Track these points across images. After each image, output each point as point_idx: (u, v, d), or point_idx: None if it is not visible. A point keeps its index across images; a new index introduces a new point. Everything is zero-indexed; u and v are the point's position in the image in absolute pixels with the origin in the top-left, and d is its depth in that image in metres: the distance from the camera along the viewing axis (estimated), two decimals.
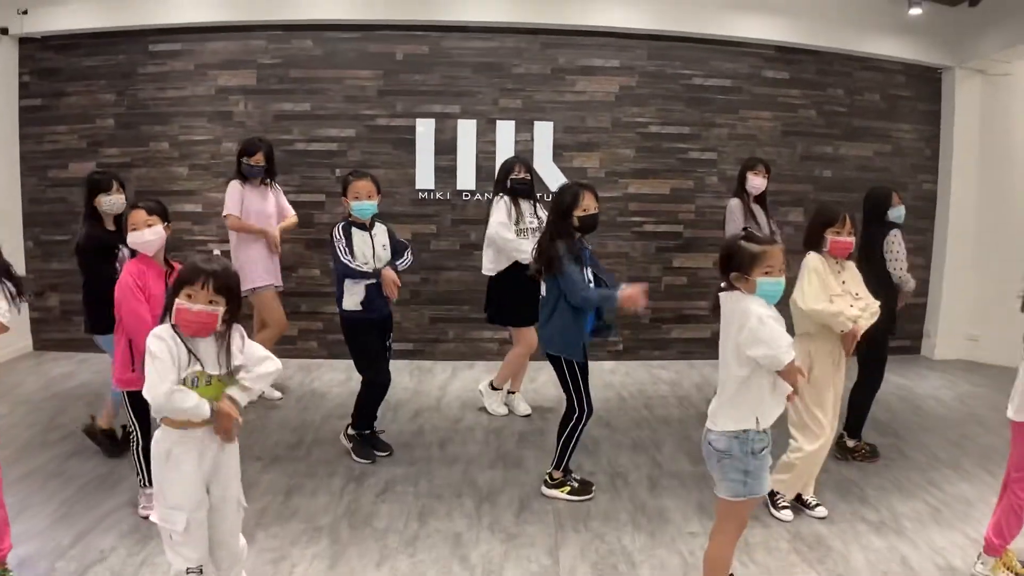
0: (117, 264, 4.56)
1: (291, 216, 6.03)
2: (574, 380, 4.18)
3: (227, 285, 2.69)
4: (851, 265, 4.17)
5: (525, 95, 7.17)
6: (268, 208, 5.81)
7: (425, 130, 7.11)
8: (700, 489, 4.32)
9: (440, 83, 7.11)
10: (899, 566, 3.59)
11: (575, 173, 7.01)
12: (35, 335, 7.26)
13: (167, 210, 3.99)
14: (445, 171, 7.08)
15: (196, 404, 2.61)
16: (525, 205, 5.38)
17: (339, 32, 7.04)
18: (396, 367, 5.26)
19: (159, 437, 2.74)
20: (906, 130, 7.78)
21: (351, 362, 4.84)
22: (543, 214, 5.38)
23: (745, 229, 3.20)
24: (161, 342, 2.64)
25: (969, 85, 7.66)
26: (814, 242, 4.08)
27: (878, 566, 3.59)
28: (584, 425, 4.24)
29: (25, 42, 7.12)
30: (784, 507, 4.08)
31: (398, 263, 4.70)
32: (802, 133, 7.52)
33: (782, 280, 2.91)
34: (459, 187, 7.07)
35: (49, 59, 7.15)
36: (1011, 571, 3.42)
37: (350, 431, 4.84)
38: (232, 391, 2.73)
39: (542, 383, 6.22)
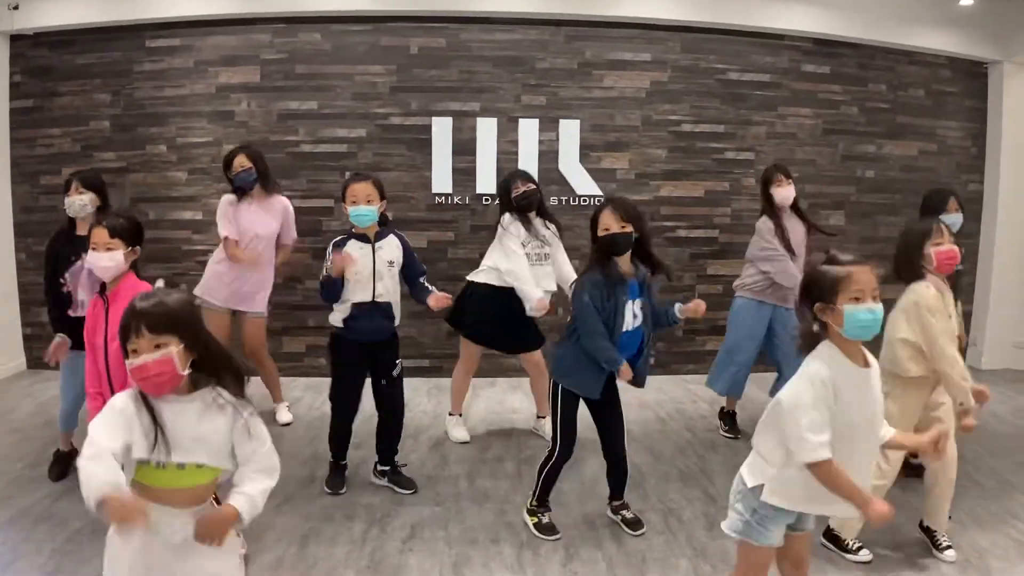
0: (67, 275, 4.28)
1: (286, 244, 5.51)
2: (554, 409, 3.82)
3: (168, 320, 2.16)
4: (948, 292, 3.67)
5: (549, 91, 6.84)
6: (267, 226, 5.27)
7: (442, 130, 6.75)
8: None
9: (458, 79, 6.77)
10: None
11: (603, 175, 6.70)
12: (28, 353, 6.90)
13: (139, 230, 3.47)
14: (464, 173, 6.72)
15: (99, 485, 1.95)
16: (537, 223, 4.97)
17: (349, 24, 6.70)
18: (413, 386, 4.87)
19: None
20: (952, 128, 7.46)
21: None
22: (551, 230, 5.04)
23: (827, 251, 2.72)
24: (107, 414, 2.16)
25: (1018, 80, 7.36)
26: (915, 266, 3.60)
27: None
28: (555, 464, 3.87)
29: (16, 39, 6.78)
30: (859, 547, 3.67)
31: (423, 291, 4.28)
32: (843, 131, 7.18)
33: (876, 308, 2.44)
34: (479, 191, 6.71)
35: (42, 57, 6.81)
36: None
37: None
38: (239, 498, 2.21)
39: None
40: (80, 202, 4.30)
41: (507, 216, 4.92)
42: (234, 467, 2.23)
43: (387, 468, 4.43)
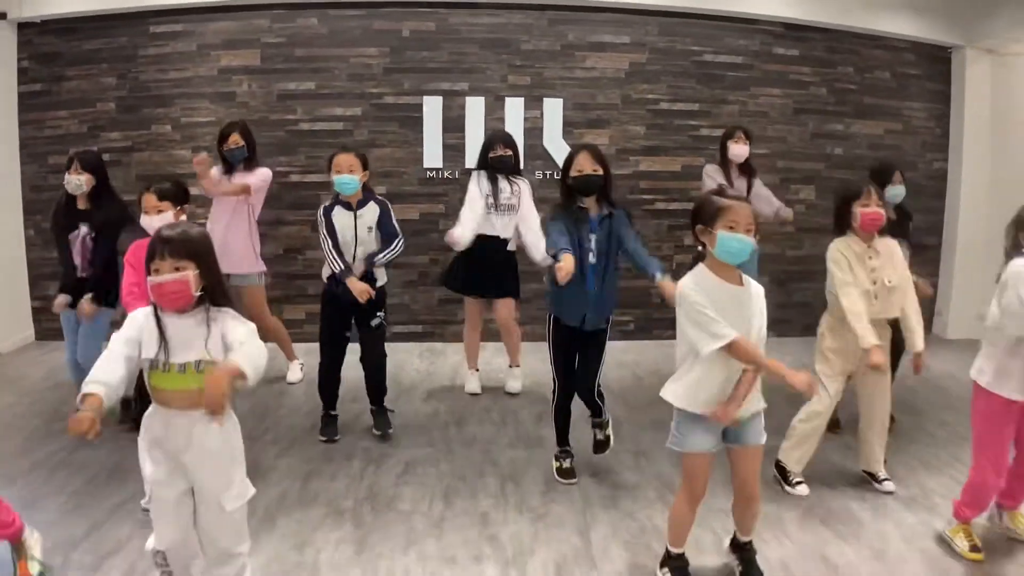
0: (74, 245, 4.63)
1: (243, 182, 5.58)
2: (551, 354, 4.13)
3: (188, 248, 2.51)
4: (889, 245, 4.00)
5: (534, 72, 7.09)
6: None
7: (432, 108, 7.01)
8: (725, 467, 4.23)
9: (447, 60, 7.02)
10: (933, 543, 3.54)
11: None
12: (37, 324, 7.16)
13: (185, 192, 3.89)
14: (453, 149, 7.00)
15: (88, 381, 2.41)
16: (503, 183, 5.31)
17: (344, 10, 6.94)
18: (406, 349, 5.21)
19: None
20: (916, 108, 7.74)
21: (357, 345, 4.78)
22: (523, 190, 5.38)
23: (720, 186, 3.11)
24: (126, 326, 2.56)
25: (979, 65, 7.60)
26: (843, 222, 3.95)
27: (914, 542, 3.54)
28: (559, 404, 4.18)
29: (24, 27, 6.98)
30: (798, 482, 4.05)
31: (377, 258, 4.55)
32: (813, 111, 7.47)
33: (746, 239, 2.80)
34: (468, 165, 6.91)
35: (49, 43, 7.02)
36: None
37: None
38: (234, 355, 2.46)
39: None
40: (76, 182, 4.63)
41: (475, 174, 5.37)
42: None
43: (374, 408, 4.81)
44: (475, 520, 3.69)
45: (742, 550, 3.20)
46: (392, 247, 4.59)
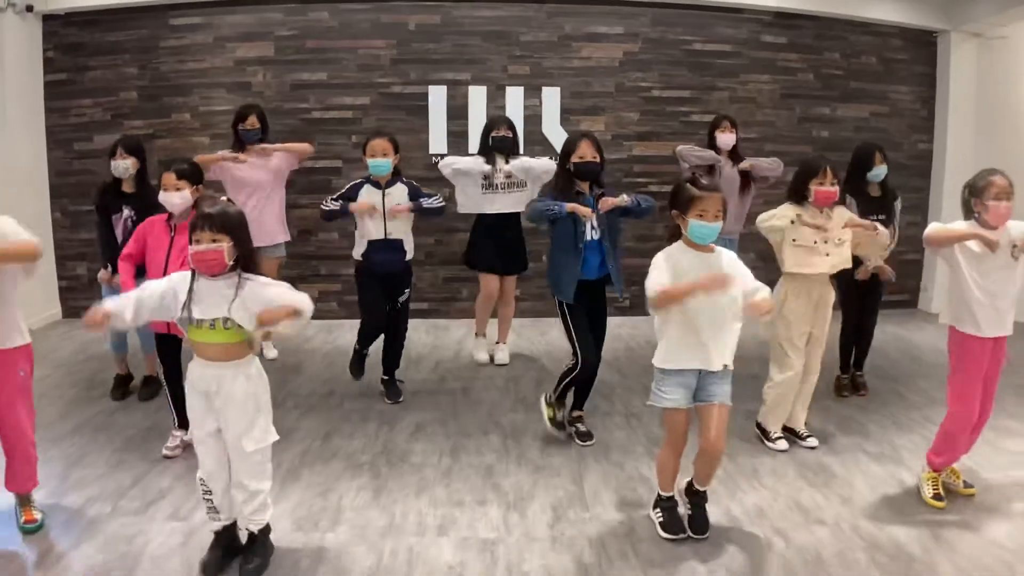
0: (117, 226, 4.98)
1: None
2: (565, 325, 4.42)
3: (223, 223, 2.94)
4: (840, 211, 4.39)
5: (533, 62, 7.43)
6: (259, 177, 5.88)
7: (437, 97, 7.36)
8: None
9: (451, 51, 7.36)
10: (896, 488, 3.92)
11: None
12: (64, 303, 7.50)
13: (201, 173, 4.27)
14: (457, 136, 7.34)
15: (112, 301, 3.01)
16: (501, 162, 5.70)
17: (353, 4, 7.27)
18: (413, 325, 5.56)
19: None
20: (903, 92, 8.02)
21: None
22: (519, 168, 5.72)
23: (693, 172, 3.50)
24: (166, 280, 3.06)
25: (965, 48, 7.87)
26: (799, 194, 4.31)
27: (878, 489, 3.92)
28: (578, 376, 4.40)
29: (49, 19, 7.29)
30: (778, 438, 4.45)
31: (423, 200, 5.01)
32: (800, 96, 7.77)
33: (712, 225, 3.23)
34: (470, 151, 7.11)
35: (72, 35, 7.33)
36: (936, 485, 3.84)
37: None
38: (286, 300, 2.96)
39: (555, 336, 6.53)
40: (123, 165, 4.97)
41: (476, 157, 5.84)
42: (251, 327, 2.96)
43: (386, 378, 5.23)
44: (480, 471, 4.11)
45: (695, 496, 3.55)
46: (436, 196, 5.10)
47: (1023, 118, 7.65)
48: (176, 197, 4.05)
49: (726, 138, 6.05)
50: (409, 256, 5.11)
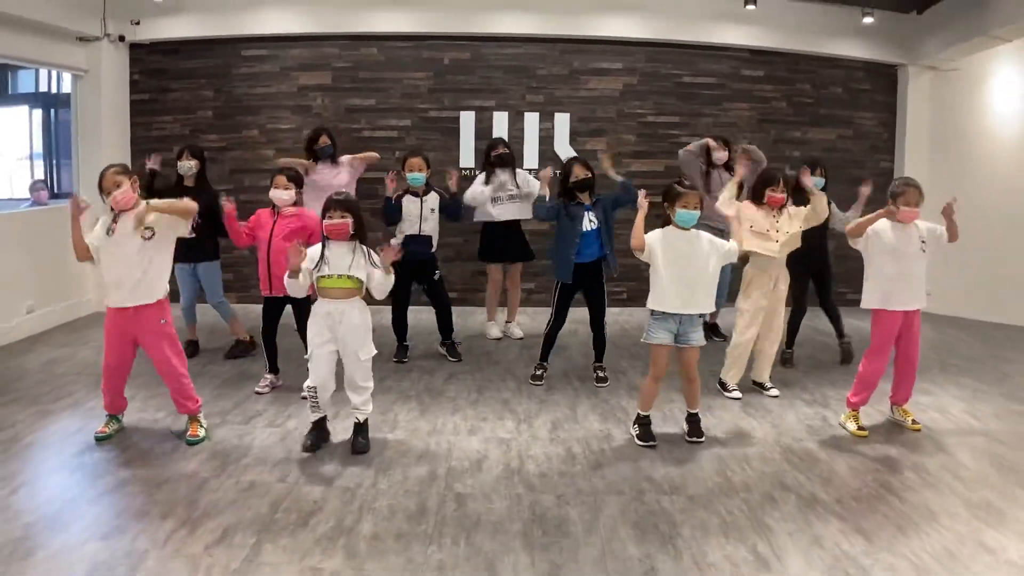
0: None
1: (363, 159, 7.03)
2: (553, 297, 5.79)
3: (348, 206, 4.32)
4: (793, 210, 5.48)
5: (547, 92, 8.51)
6: (337, 177, 6.73)
7: (467, 120, 8.46)
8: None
9: (479, 82, 8.45)
10: (819, 422, 5.09)
11: (588, 155, 7.71)
12: None
13: (301, 179, 5.54)
14: (483, 153, 8.03)
15: (289, 283, 4.32)
16: (504, 176, 6.84)
17: (398, 42, 8.37)
18: None
19: None
20: (866, 117, 8.89)
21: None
22: (523, 183, 6.86)
23: (679, 177, 4.85)
24: (313, 248, 4.35)
25: (921, 79, 8.75)
26: (758, 196, 5.48)
27: (804, 422, 5.10)
28: (549, 330, 5.84)
29: (135, 47, 8.29)
30: (733, 390, 5.61)
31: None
32: (775, 121, 8.73)
33: (692, 212, 4.47)
34: None
35: (156, 61, 8.34)
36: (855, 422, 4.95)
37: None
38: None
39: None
40: (188, 166, 6.16)
41: (480, 176, 6.96)
42: (366, 279, 4.35)
43: (448, 342, 6.51)
44: (499, 403, 5.41)
45: (691, 416, 4.80)
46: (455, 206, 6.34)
47: (972, 140, 8.46)
48: (284, 194, 5.36)
49: (719, 155, 6.98)
50: (434, 248, 6.35)
